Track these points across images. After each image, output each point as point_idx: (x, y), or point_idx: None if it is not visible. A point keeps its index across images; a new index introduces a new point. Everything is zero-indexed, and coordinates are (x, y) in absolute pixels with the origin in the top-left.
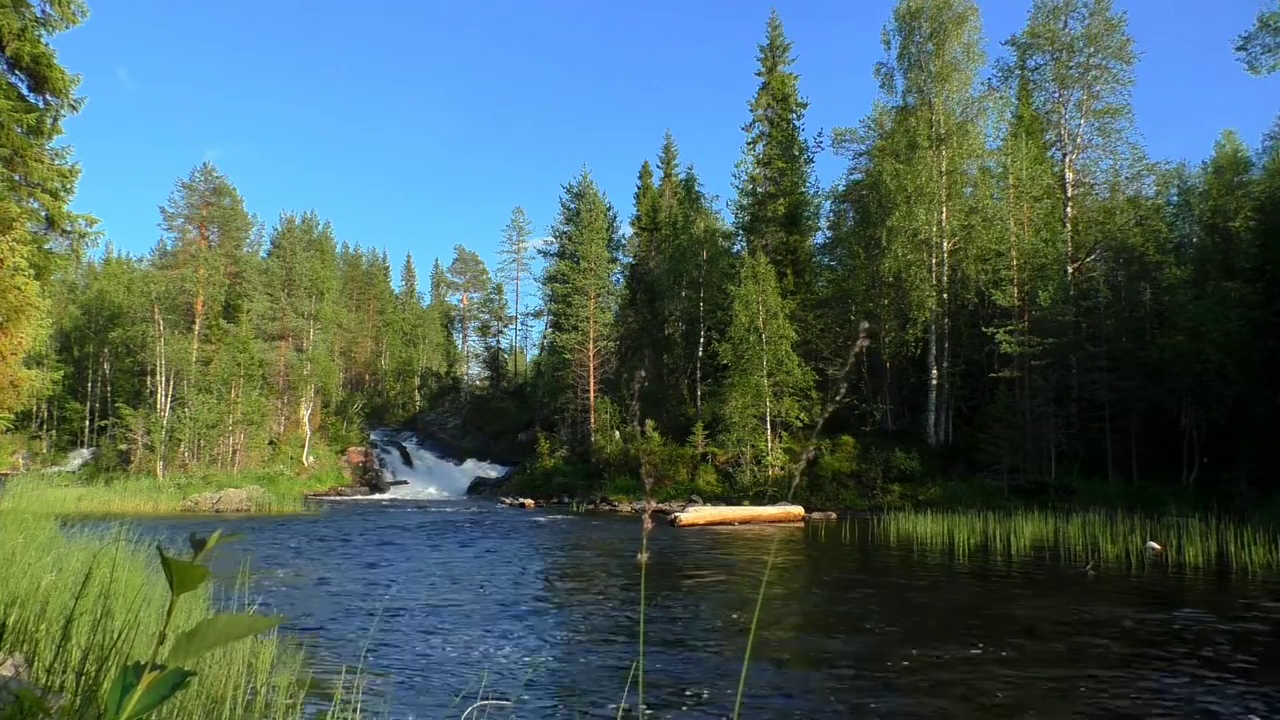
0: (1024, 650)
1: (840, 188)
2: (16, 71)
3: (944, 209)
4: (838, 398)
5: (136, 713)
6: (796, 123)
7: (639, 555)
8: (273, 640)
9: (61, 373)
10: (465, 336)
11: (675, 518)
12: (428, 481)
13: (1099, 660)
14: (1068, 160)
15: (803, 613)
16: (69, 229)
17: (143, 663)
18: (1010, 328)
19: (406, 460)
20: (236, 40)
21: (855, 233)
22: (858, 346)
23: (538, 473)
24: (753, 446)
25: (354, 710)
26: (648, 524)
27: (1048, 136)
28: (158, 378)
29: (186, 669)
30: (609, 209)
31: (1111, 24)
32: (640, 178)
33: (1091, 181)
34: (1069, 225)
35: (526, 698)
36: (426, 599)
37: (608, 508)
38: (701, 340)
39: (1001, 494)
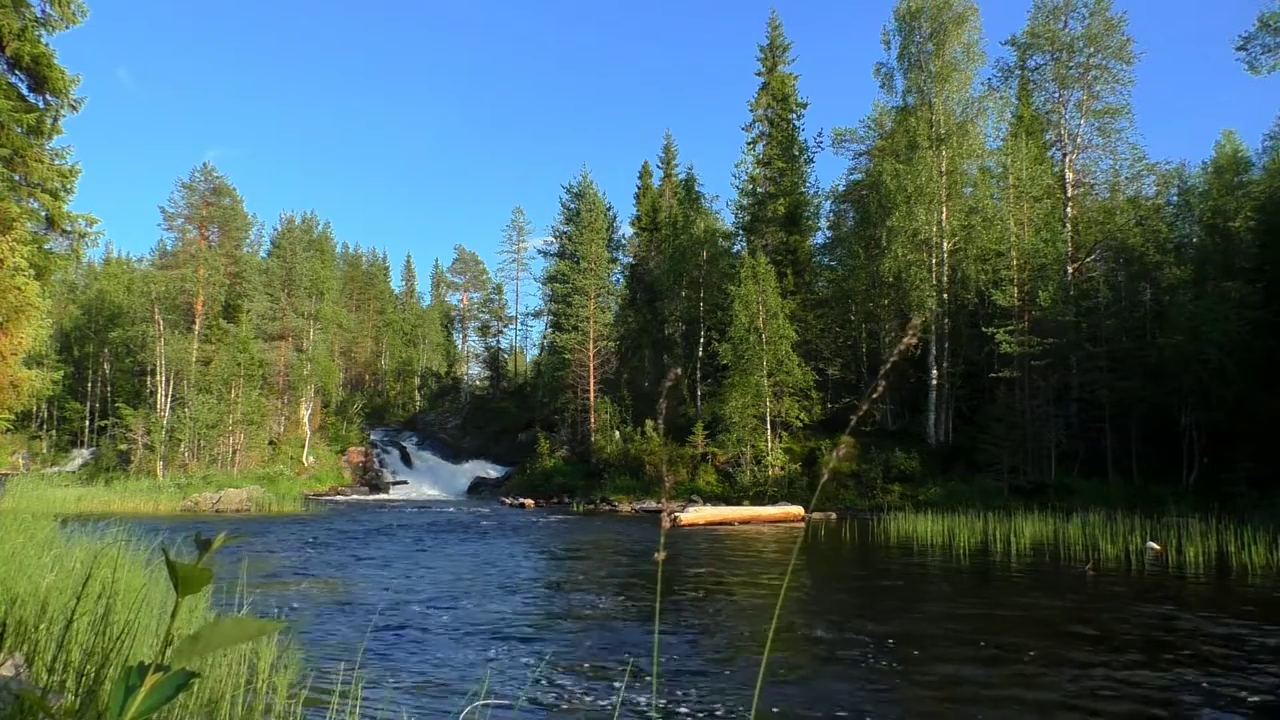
0: (1024, 651)
1: (840, 188)
2: (16, 71)
3: (944, 209)
4: (875, 395)
5: (140, 714)
6: (796, 123)
7: (657, 554)
8: (273, 640)
9: (61, 373)
10: (465, 336)
11: (675, 518)
12: (428, 481)
13: (1098, 660)
14: (1068, 160)
15: (807, 613)
16: (69, 229)
17: (145, 663)
18: (1010, 328)
19: (406, 460)
20: (236, 40)
21: (855, 233)
22: (904, 343)
23: (538, 473)
24: (753, 446)
25: (353, 710)
26: (666, 523)
27: (1048, 136)
28: (158, 378)
29: (190, 671)
30: (609, 209)
31: (1111, 24)
32: (640, 178)
33: (1091, 181)
34: (1069, 225)
35: (528, 698)
36: (427, 599)
37: (608, 508)
38: (701, 340)
39: (1001, 494)
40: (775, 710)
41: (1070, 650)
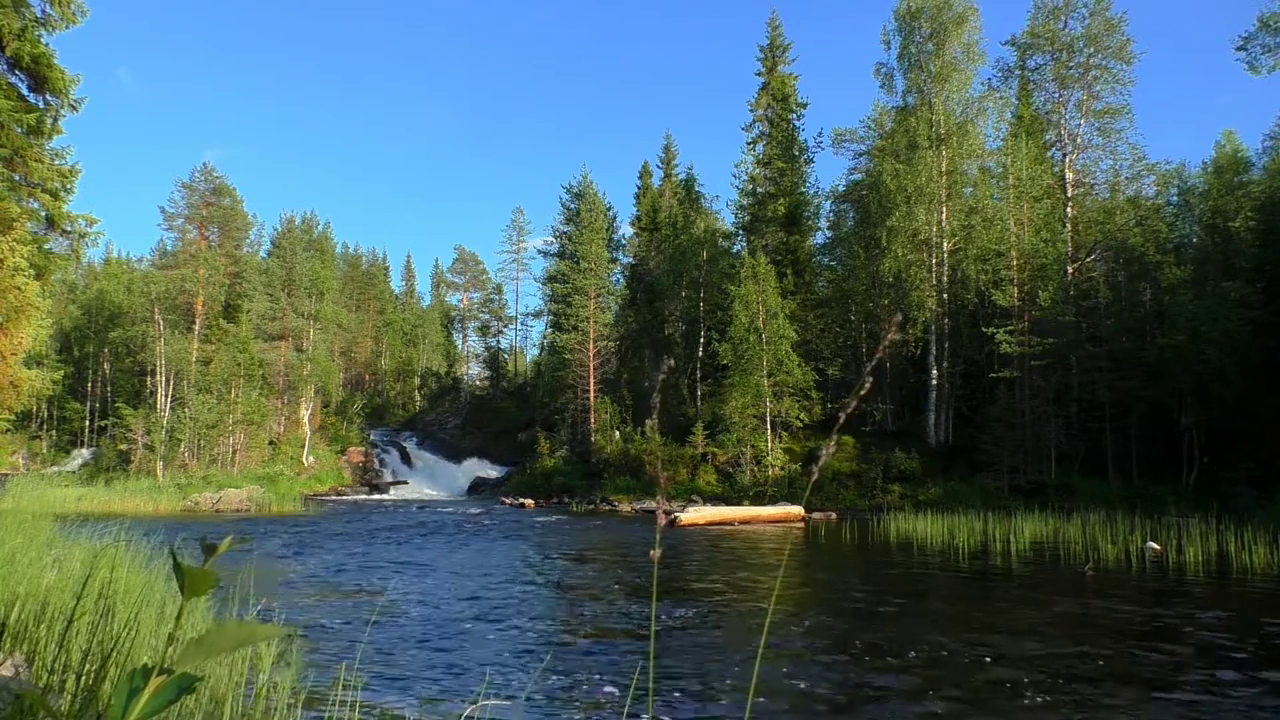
0: (1024, 650)
1: (840, 188)
2: (16, 71)
3: (944, 209)
4: (861, 392)
5: (142, 717)
6: (796, 123)
7: (652, 551)
8: (274, 640)
9: (61, 373)
10: (465, 336)
11: (675, 518)
12: (428, 481)
13: (1096, 660)
14: (1068, 160)
15: (806, 617)
16: (69, 229)
17: (146, 665)
18: (1010, 328)
19: (406, 460)
20: (236, 40)
21: (855, 233)
22: (889, 338)
23: (538, 473)
24: (753, 446)
25: (353, 710)
26: (661, 519)
27: (1048, 136)
28: (158, 378)
29: (193, 675)
30: (609, 209)
31: (1111, 24)
32: (640, 178)
33: (1091, 181)
34: (1069, 225)
35: (527, 698)
36: (426, 599)
37: (608, 508)
38: (701, 340)
39: (1001, 494)
40: (771, 708)
41: (1068, 650)
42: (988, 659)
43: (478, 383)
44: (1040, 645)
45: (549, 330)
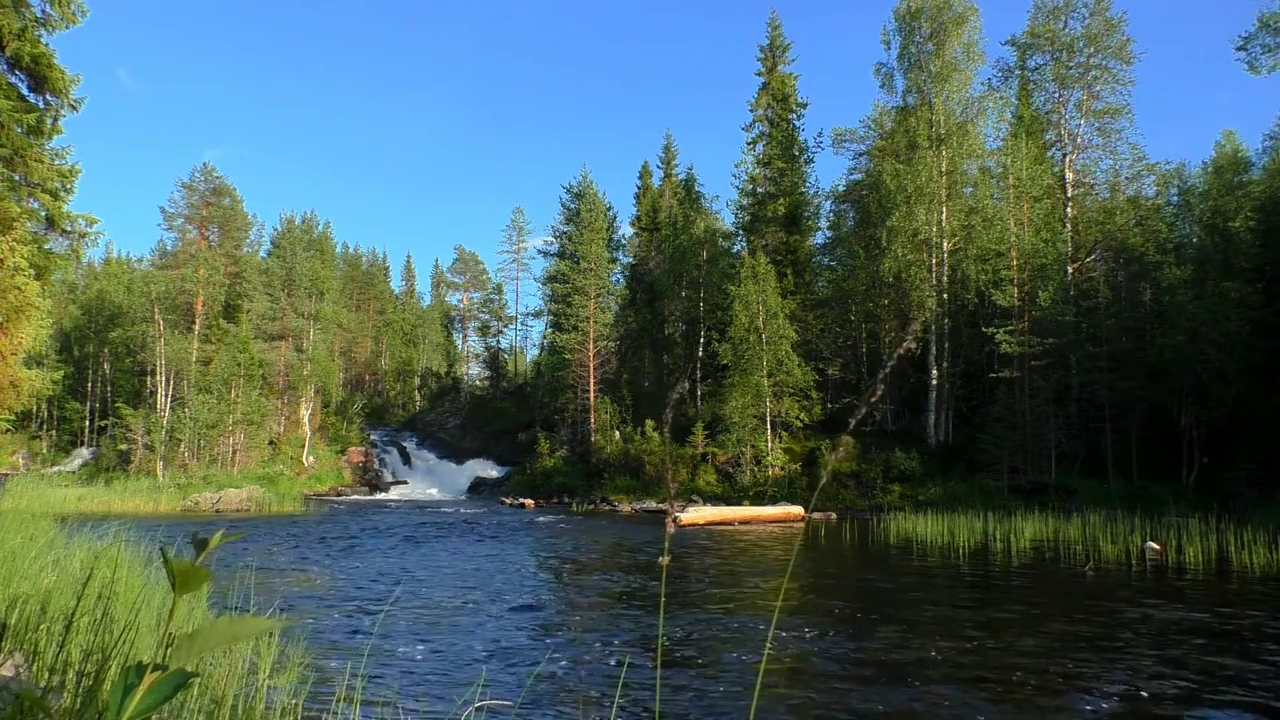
0: (1024, 651)
1: (840, 188)
2: (16, 71)
3: (944, 209)
4: (873, 399)
5: (139, 713)
6: (796, 123)
7: (662, 558)
8: (274, 640)
9: (61, 373)
10: (465, 336)
11: (675, 518)
12: (428, 481)
13: (1095, 661)
14: (1068, 160)
15: (809, 620)
16: (69, 229)
17: (144, 663)
18: (1010, 328)
19: (406, 460)
20: (236, 40)
21: (855, 233)
22: (904, 347)
23: (538, 473)
24: (753, 446)
25: (354, 710)
26: (671, 526)
27: (1048, 136)
28: (158, 378)
29: (188, 670)
30: (609, 209)
31: (1111, 24)
32: (640, 178)
33: (1091, 181)
34: (1069, 225)
35: (527, 698)
36: (426, 599)
37: (608, 508)
38: (701, 340)
39: (1001, 494)
40: (775, 714)
41: (1068, 650)
42: (985, 660)
43: (478, 383)
44: (1043, 646)
45: (549, 330)
